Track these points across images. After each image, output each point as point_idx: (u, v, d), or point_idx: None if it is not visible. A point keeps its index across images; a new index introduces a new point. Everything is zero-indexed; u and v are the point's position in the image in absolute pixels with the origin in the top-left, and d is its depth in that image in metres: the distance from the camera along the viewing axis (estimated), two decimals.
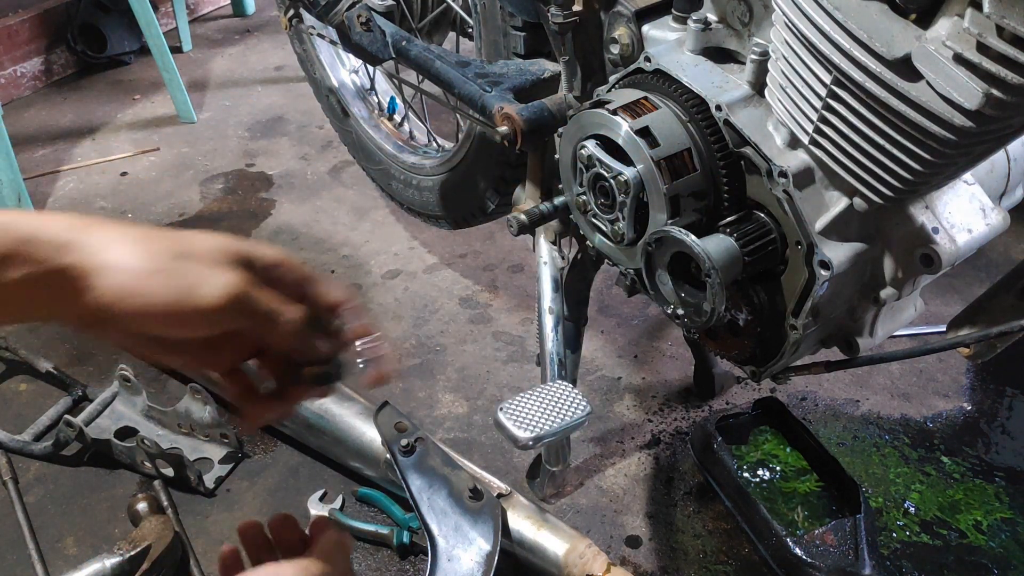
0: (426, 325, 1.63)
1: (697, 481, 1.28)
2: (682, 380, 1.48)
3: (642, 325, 1.61)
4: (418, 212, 1.73)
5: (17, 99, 2.61)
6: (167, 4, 2.98)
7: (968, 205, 0.81)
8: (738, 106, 0.83)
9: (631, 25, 0.95)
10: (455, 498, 1.07)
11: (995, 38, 0.58)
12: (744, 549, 1.18)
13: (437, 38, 1.63)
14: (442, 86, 1.26)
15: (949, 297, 1.63)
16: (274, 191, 2.10)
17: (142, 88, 2.66)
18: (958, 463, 1.30)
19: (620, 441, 1.36)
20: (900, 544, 1.18)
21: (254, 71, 2.76)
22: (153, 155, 2.28)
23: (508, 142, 1.11)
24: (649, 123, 0.85)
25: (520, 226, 1.09)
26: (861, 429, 1.37)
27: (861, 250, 0.81)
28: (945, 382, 1.45)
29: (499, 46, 1.28)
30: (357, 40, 1.31)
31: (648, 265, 0.89)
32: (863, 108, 0.70)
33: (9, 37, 2.56)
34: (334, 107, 1.88)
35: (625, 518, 1.24)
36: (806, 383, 1.46)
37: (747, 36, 0.85)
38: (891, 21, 0.65)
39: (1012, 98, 0.60)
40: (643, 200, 0.87)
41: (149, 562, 1.11)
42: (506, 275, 1.77)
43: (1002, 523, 1.20)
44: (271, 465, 1.34)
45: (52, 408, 1.41)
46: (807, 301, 0.82)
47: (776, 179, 0.79)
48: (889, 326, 0.92)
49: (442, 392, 1.48)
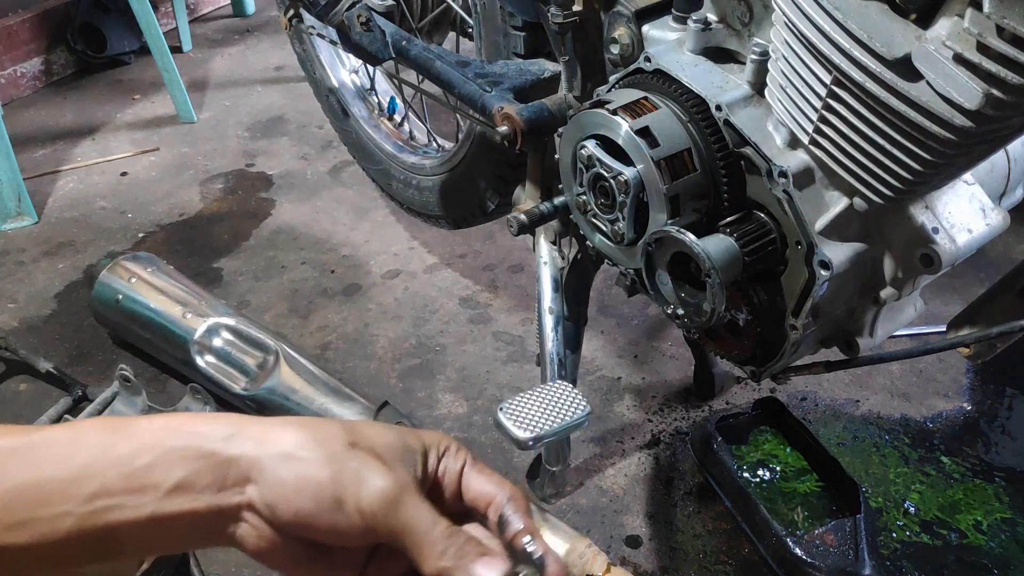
0: (426, 325, 1.63)
1: (697, 481, 1.28)
2: (682, 380, 1.48)
3: (642, 325, 1.61)
4: (418, 212, 1.73)
5: (17, 99, 2.61)
6: (167, 4, 2.98)
7: (968, 205, 0.81)
8: (738, 106, 0.83)
9: (631, 25, 0.95)
10: None
11: (995, 38, 0.58)
12: (744, 549, 1.18)
13: (437, 38, 1.63)
14: (442, 86, 1.26)
15: (949, 297, 1.63)
16: (274, 191, 2.10)
17: (142, 88, 2.66)
18: (958, 463, 1.30)
19: (620, 441, 1.36)
20: (900, 544, 1.18)
21: (254, 71, 2.76)
22: (153, 155, 2.28)
23: (508, 142, 1.11)
24: (649, 123, 0.85)
25: (520, 226, 1.09)
26: (861, 429, 1.37)
27: (861, 250, 0.81)
28: (945, 382, 1.45)
29: (499, 46, 1.28)
30: (357, 40, 1.31)
31: (648, 265, 0.89)
32: (863, 108, 0.70)
33: (9, 37, 2.56)
34: (334, 107, 1.88)
35: (625, 518, 1.24)
36: (806, 383, 1.46)
37: (747, 36, 0.85)
38: (891, 21, 0.65)
39: (1012, 98, 0.60)
40: (643, 200, 0.87)
41: (149, 562, 1.10)
42: (506, 275, 1.76)
43: (1002, 523, 1.20)
44: None
45: (52, 408, 1.41)
46: (807, 301, 0.82)
47: (776, 179, 0.79)
48: (889, 326, 0.92)
49: (442, 392, 1.48)
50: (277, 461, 0.49)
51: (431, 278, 1.76)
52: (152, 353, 1.52)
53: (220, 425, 0.50)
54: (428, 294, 1.72)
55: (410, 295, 1.72)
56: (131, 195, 2.10)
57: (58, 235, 1.95)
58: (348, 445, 0.50)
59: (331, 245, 1.89)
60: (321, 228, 1.95)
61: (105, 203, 2.07)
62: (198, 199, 2.08)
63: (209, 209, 2.04)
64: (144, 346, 1.52)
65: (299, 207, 2.03)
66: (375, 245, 1.88)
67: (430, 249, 1.85)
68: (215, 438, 0.49)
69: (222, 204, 2.06)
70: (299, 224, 1.96)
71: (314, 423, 0.52)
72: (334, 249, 1.87)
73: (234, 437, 0.49)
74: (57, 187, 2.15)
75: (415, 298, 1.71)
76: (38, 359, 1.49)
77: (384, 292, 1.73)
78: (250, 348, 1.39)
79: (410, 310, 1.67)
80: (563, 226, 1.20)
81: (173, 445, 0.49)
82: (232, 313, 1.44)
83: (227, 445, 0.49)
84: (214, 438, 0.49)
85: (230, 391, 1.36)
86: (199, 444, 0.49)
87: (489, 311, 1.66)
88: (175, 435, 0.49)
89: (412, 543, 0.49)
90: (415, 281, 1.76)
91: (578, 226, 1.02)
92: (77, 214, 2.03)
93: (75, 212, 2.04)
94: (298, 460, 0.49)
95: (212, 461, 0.49)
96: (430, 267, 1.80)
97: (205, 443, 0.49)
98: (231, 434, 0.50)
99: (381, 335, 1.61)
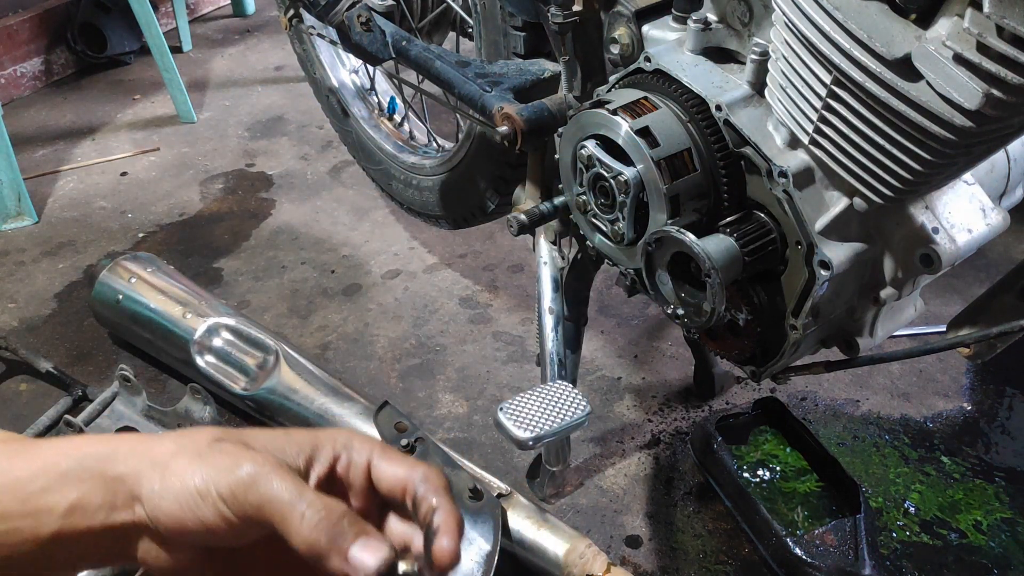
0: (426, 325, 1.63)
1: (697, 481, 1.28)
2: (682, 380, 1.48)
3: (642, 325, 1.61)
4: (418, 212, 1.73)
5: (17, 99, 2.61)
6: (167, 4, 2.98)
7: (968, 205, 0.81)
8: (738, 106, 0.83)
9: (631, 25, 0.95)
10: (455, 498, 1.07)
11: (995, 38, 0.58)
12: (744, 549, 1.18)
13: (437, 38, 1.63)
14: (442, 86, 1.26)
15: (949, 297, 1.62)
16: (274, 191, 2.10)
17: (142, 88, 2.66)
18: (958, 463, 1.30)
19: (620, 441, 1.36)
20: (900, 544, 1.18)
21: (254, 71, 2.76)
22: (153, 155, 2.28)
23: (508, 142, 1.11)
24: (649, 123, 0.85)
25: (520, 226, 1.09)
26: (861, 429, 1.37)
27: (861, 250, 0.81)
28: (945, 382, 1.45)
29: (499, 46, 1.28)
30: (357, 40, 1.31)
31: (648, 265, 0.89)
32: (863, 108, 0.70)
33: (9, 37, 2.56)
34: (334, 107, 1.88)
35: (625, 518, 1.24)
36: (806, 383, 1.46)
37: (747, 36, 0.85)
38: (891, 21, 0.65)
39: (1012, 98, 0.60)
40: (643, 200, 0.87)
41: None
42: (506, 275, 1.76)
43: (1002, 523, 1.20)
44: None
45: (52, 408, 1.41)
46: (807, 301, 0.82)
47: (776, 179, 0.79)
48: (889, 326, 0.92)
49: (442, 392, 1.48)
50: (155, 474, 0.49)
51: (431, 278, 1.76)
52: (152, 353, 1.52)
53: (107, 444, 0.51)
54: (428, 294, 1.72)
55: (410, 295, 1.72)
56: (131, 195, 2.10)
57: (58, 235, 1.95)
58: (214, 441, 0.50)
59: (331, 245, 1.89)
60: (321, 228, 1.95)
61: (105, 203, 2.07)
62: (198, 199, 2.08)
63: (209, 209, 2.04)
64: (144, 346, 1.52)
65: (299, 207, 2.03)
66: (375, 245, 1.88)
67: (430, 249, 1.85)
68: (101, 456, 0.50)
69: (222, 204, 2.06)
70: (299, 224, 1.96)
71: (188, 431, 0.52)
72: (334, 249, 1.87)
73: (119, 455, 0.50)
74: (57, 187, 2.15)
75: (415, 298, 1.71)
76: (38, 359, 1.49)
77: (384, 292, 1.73)
78: (250, 348, 1.39)
79: (410, 310, 1.67)
80: (563, 226, 1.20)
81: (67, 467, 0.49)
82: (232, 313, 1.44)
83: (113, 464, 0.50)
84: (101, 456, 0.50)
85: (230, 391, 1.36)
86: (89, 465, 0.49)
87: (489, 311, 1.66)
88: (68, 457, 0.50)
89: (277, 516, 0.47)
90: (415, 281, 1.76)
91: (578, 226, 1.02)
92: (77, 214, 2.03)
93: (75, 212, 2.04)
94: (169, 469, 0.49)
95: (101, 481, 0.49)
96: (430, 267, 1.80)
97: (94, 463, 0.50)
98: (115, 452, 0.50)
99: (381, 335, 1.61)
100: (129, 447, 0.51)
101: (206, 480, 0.48)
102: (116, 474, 0.49)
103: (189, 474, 0.48)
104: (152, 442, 0.51)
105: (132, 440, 0.52)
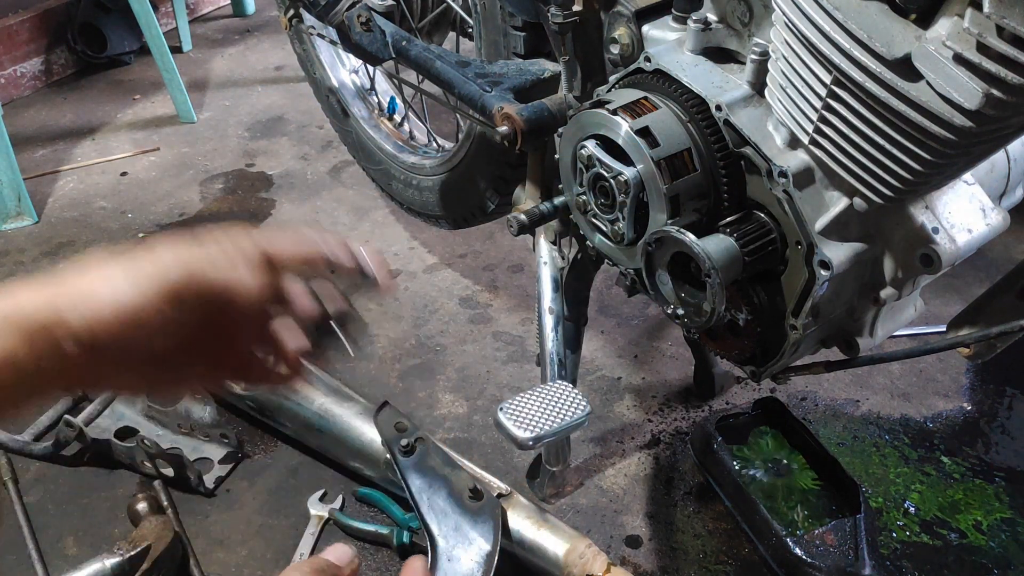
0: (426, 325, 1.63)
1: (697, 481, 1.28)
2: (682, 380, 1.48)
3: (642, 325, 1.61)
4: (418, 212, 1.73)
5: (17, 99, 2.61)
6: (167, 4, 2.98)
7: (968, 205, 0.81)
8: (738, 106, 0.83)
9: (631, 25, 0.95)
10: (455, 498, 1.07)
11: (995, 38, 0.58)
12: (744, 549, 1.18)
13: (437, 38, 1.63)
14: (442, 86, 1.26)
15: (949, 297, 1.62)
16: (274, 191, 2.10)
17: (142, 88, 2.66)
18: (958, 463, 1.30)
19: (620, 441, 1.36)
20: (900, 544, 1.18)
21: (254, 71, 2.76)
22: (153, 155, 2.28)
23: (508, 142, 1.11)
24: (649, 123, 0.85)
25: (520, 226, 1.09)
26: (861, 429, 1.37)
27: (861, 250, 0.81)
28: (945, 382, 1.45)
29: (499, 46, 1.28)
30: (357, 40, 1.31)
31: (648, 265, 0.89)
32: (863, 108, 0.70)
33: (9, 37, 2.56)
34: (334, 107, 1.88)
35: (625, 518, 1.24)
36: (806, 383, 1.46)
37: (747, 36, 0.85)
38: (891, 21, 0.65)
39: (1012, 98, 0.60)
40: (643, 200, 0.87)
41: (149, 562, 1.10)
42: (506, 275, 1.77)
43: (1002, 523, 1.20)
44: (271, 465, 1.34)
45: (52, 408, 1.40)
46: (807, 301, 0.82)
47: (776, 179, 0.79)
48: (889, 326, 0.92)
49: (442, 392, 1.48)
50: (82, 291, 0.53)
51: (431, 278, 1.76)
52: None
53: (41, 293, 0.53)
54: (428, 294, 1.72)
55: (410, 295, 1.72)
56: (131, 195, 2.10)
57: (58, 235, 1.95)
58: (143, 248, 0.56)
59: None
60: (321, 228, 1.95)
61: (105, 203, 2.08)
62: (198, 199, 2.08)
63: (209, 209, 2.04)
64: None
65: (299, 207, 2.03)
66: (375, 245, 1.88)
67: (430, 249, 1.85)
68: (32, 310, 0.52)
69: (222, 204, 2.06)
70: (299, 224, 1.96)
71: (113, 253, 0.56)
72: None
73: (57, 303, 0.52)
74: (57, 187, 2.15)
75: (415, 298, 1.71)
76: None
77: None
78: None
79: (410, 310, 1.67)
80: (563, 226, 1.20)
81: None
82: None
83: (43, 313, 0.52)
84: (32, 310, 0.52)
85: (230, 391, 1.36)
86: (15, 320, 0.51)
87: (489, 311, 1.66)
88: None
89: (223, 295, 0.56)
90: (415, 281, 1.76)
91: (578, 226, 1.02)
92: (77, 214, 2.03)
93: (75, 212, 2.04)
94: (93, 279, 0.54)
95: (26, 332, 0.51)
96: (430, 267, 1.80)
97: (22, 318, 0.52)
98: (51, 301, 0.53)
99: (381, 335, 1.61)
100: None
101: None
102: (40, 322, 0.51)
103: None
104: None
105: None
